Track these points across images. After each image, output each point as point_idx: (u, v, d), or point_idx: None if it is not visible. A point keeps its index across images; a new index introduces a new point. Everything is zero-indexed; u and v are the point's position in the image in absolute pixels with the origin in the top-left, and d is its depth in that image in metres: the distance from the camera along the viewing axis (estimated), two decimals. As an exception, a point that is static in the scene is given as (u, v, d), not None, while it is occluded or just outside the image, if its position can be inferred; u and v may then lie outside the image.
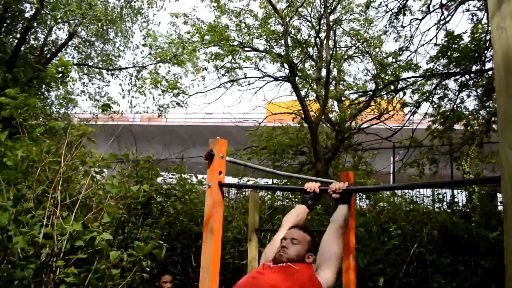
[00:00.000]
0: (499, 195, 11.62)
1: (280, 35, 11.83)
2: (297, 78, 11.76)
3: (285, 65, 11.87)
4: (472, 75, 8.68)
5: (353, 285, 3.98)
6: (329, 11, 10.96)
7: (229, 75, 12.70)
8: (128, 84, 14.02)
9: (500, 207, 9.72)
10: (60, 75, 6.58)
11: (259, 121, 13.95)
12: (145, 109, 13.58)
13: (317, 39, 12.13)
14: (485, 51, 8.82)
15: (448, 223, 7.43)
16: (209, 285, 2.84)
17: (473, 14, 8.78)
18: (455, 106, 10.07)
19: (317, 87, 12.03)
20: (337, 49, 12.76)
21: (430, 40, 10.00)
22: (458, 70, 8.30)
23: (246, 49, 11.61)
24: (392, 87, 10.98)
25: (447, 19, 9.15)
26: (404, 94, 11.74)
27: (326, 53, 11.16)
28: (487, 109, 10.77)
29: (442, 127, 10.85)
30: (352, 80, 13.73)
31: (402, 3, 8.97)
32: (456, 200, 9.47)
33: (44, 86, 12.40)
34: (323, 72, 12.67)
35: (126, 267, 4.44)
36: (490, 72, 8.78)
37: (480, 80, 9.20)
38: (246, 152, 12.25)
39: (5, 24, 12.14)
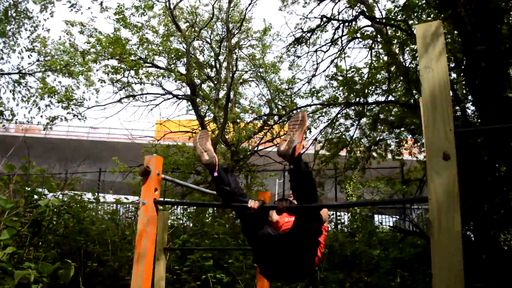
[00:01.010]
0: (376, 217, 12.85)
1: (181, 54, 11.83)
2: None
3: (185, 84, 11.88)
4: (358, 106, 9.49)
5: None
6: (231, 35, 11.27)
7: (126, 90, 12.33)
8: (10, 91, 12.85)
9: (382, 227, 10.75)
10: None
11: (152, 139, 13.73)
12: (28, 120, 12.54)
13: (217, 61, 12.37)
14: (369, 86, 9.73)
15: (338, 242, 7.99)
16: (140, 306, 2.75)
17: (371, 48, 9.66)
18: (343, 133, 10.92)
19: (214, 107, 12.19)
20: (235, 72, 13.12)
21: (324, 71, 10.75)
22: (356, 100, 9.05)
23: (146, 64, 11.40)
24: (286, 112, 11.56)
25: (339, 54, 9.95)
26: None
27: (227, 75, 11.42)
28: (368, 138, 11.87)
29: (329, 153, 11.70)
30: (248, 103, 14.17)
31: (303, 35, 9.59)
32: (342, 220, 10.24)
33: None
34: (221, 93, 12.94)
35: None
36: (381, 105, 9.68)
37: (363, 111, 10.09)
38: (138, 169, 11.86)
39: None
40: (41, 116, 12.37)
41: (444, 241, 2.10)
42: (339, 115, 9.74)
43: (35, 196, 6.34)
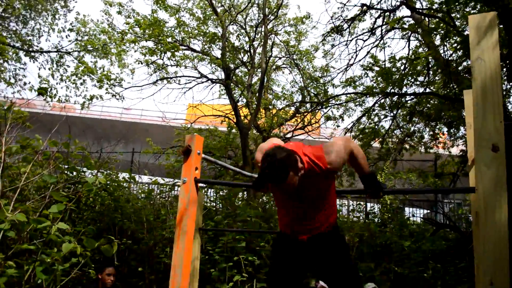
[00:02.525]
0: (406, 209, 12.76)
1: (217, 38, 11.89)
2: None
3: (219, 69, 11.96)
4: (396, 97, 9.37)
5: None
6: (267, 20, 11.26)
7: (160, 72, 12.50)
8: (49, 69, 13.21)
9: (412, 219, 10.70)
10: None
11: (184, 121, 13.94)
12: (66, 98, 12.88)
13: (251, 46, 12.38)
14: (407, 77, 9.58)
15: (371, 231, 8.01)
16: (181, 282, 2.85)
17: (409, 39, 9.51)
18: (376, 124, 10.83)
19: (247, 93, 12.24)
20: (270, 58, 13.11)
21: (360, 60, 10.60)
22: (395, 91, 8.94)
23: (182, 47, 11.51)
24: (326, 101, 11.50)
25: (377, 44, 9.82)
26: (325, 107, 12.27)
27: (262, 61, 11.42)
28: (402, 129, 11.74)
29: (360, 142, 11.64)
30: (280, 90, 14.16)
31: (341, 24, 9.50)
32: (373, 210, 10.23)
33: None
34: (254, 79, 12.98)
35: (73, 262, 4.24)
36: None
37: (401, 102, 9.97)
38: (171, 151, 12.11)
39: None
40: (77, 96, 12.64)
41: (490, 232, 2.11)
42: (375, 105, 9.63)
43: (74, 173, 6.58)
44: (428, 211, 13.28)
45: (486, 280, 2.08)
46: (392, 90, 8.93)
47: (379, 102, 9.47)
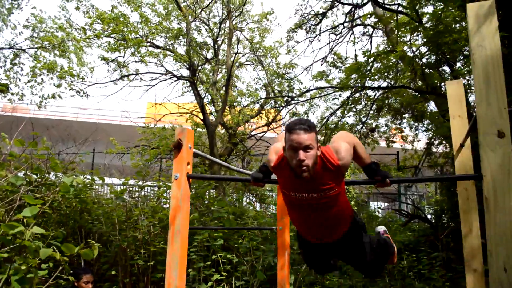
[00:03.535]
0: (371, 203, 13.06)
1: (181, 34, 11.65)
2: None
3: (183, 66, 11.74)
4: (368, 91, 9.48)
5: (287, 282, 4.12)
6: (231, 16, 11.15)
7: (120, 70, 12.14)
8: (0, 67, 12.54)
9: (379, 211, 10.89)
10: None
11: (146, 120, 13.63)
12: (19, 97, 12.26)
13: (216, 43, 12.22)
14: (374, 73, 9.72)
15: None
16: (177, 284, 2.71)
17: (371, 36, 9.65)
18: (340, 119, 10.98)
19: (213, 90, 12.08)
20: (236, 54, 13.00)
21: (326, 57, 10.63)
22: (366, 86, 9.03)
23: (146, 43, 11.20)
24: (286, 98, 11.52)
25: (341, 40, 9.94)
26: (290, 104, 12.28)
27: (227, 57, 11.30)
28: (365, 124, 11.96)
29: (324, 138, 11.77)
30: (245, 87, 14.08)
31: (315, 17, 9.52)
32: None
33: None
34: (219, 76, 12.84)
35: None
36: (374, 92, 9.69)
37: (362, 98, 10.12)
38: (137, 150, 11.78)
39: None
40: (34, 94, 12.08)
41: (500, 218, 2.12)
42: (349, 100, 9.73)
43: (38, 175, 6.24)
44: (388, 204, 13.64)
45: (500, 266, 2.09)
46: (362, 85, 9.03)
47: (353, 97, 9.56)
